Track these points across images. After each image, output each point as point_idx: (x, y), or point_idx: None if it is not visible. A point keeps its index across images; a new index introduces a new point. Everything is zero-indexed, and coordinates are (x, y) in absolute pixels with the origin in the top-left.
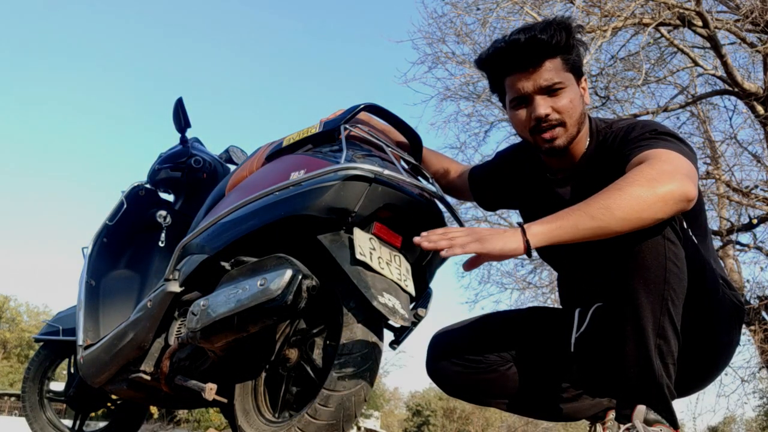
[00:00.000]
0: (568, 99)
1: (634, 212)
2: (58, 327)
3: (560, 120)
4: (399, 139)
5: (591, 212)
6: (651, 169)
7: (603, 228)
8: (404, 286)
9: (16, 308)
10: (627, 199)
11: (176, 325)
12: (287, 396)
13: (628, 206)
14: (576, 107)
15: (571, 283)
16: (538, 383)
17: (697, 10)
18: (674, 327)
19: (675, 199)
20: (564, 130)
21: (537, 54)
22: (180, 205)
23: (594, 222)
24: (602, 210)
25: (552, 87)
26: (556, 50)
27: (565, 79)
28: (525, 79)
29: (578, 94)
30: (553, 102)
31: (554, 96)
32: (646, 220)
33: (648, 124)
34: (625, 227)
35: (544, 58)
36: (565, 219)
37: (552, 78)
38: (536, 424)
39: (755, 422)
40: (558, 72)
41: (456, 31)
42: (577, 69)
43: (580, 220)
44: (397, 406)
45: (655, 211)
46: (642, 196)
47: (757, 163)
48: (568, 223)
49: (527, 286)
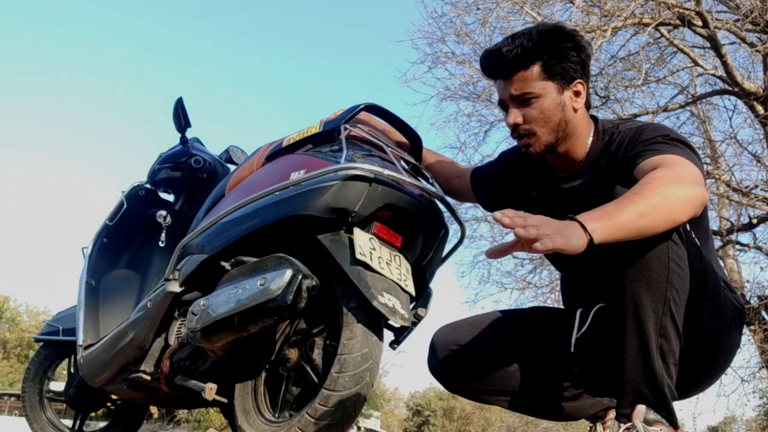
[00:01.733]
0: (538, 110)
1: (673, 213)
2: (58, 327)
3: (529, 130)
4: (399, 139)
5: (640, 211)
6: (675, 173)
7: (650, 228)
8: (404, 286)
9: (16, 308)
10: (668, 199)
11: (176, 325)
12: (287, 396)
13: (670, 208)
14: (549, 116)
15: (574, 283)
16: (539, 382)
17: (697, 10)
18: (676, 327)
19: (698, 204)
20: (535, 138)
21: (508, 65)
22: (180, 205)
23: (644, 221)
24: (650, 210)
25: (522, 97)
26: (527, 60)
27: (540, 89)
28: (503, 87)
29: (557, 101)
30: (525, 111)
31: (527, 105)
32: (678, 221)
33: (658, 127)
34: (666, 227)
35: (517, 68)
36: (616, 218)
37: (522, 88)
38: (536, 424)
39: (755, 422)
40: (531, 82)
41: (456, 31)
42: (565, 75)
43: (631, 219)
44: (397, 406)
45: (685, 213)
46: (679, 197)
47: (757, 162)
48: (620, 222)
49: (527, 286)
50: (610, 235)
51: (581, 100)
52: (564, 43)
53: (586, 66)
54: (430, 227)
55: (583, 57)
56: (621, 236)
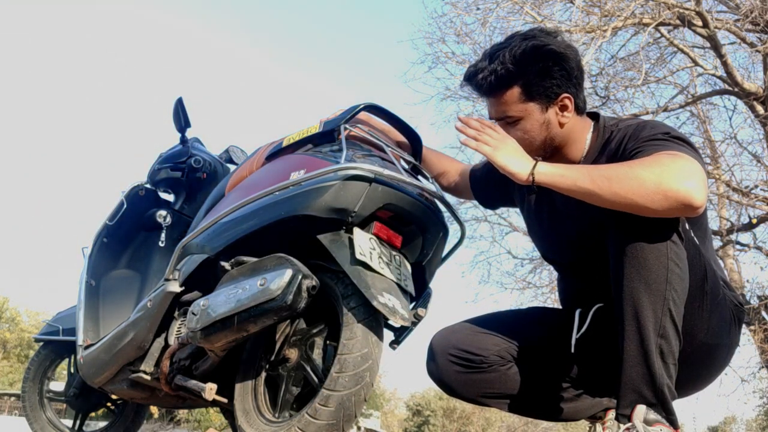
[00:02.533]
0: (522, 131)
1: (629, 192)
2: (58, 327)
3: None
4: (399, 139)
5: (593, 176)
6: (672, 162)
7: (595, 195)
8: (404, 285)
9: (16, 308)
10: (631, 178)
11: (176, 325)
12: (287, 396)
13: (627, 186)
14: (534, 136)
15: (572, 283)
16: (538, 383)
17: (697, 10)
18: (675, 327)
19: (678, 200)
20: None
21: (487, 89)
22: (180, 205)
23: (591, 185)
24: (603, 178)
25: (504, 120)
26: (503, 85)
27: (521, 111)
28: (488, 105)
29: (540, 121)
30: (510, 131)
31: (511, 125)
32: (639, 206)
33: (659, 125)
34: (615, 203)
35: (497, 92)
36: (570, 171)
37: (503, 111)
38: (536, 424)
39: (755, 422)
40: (511, 105)
41: (456, 30)
42: (547, 94)
43: (580, 178)
44: (397, 406)
45: (651, 201)
46: (645, 181)
47: (757, 162)
48: (570, 175)
49: (527, 286)
50: (555, 183)
51: (569, 113)
52: (542, 63)
53: (574, 76)
54: (430, 227)
55: (569, 68)
56: (565, 189)
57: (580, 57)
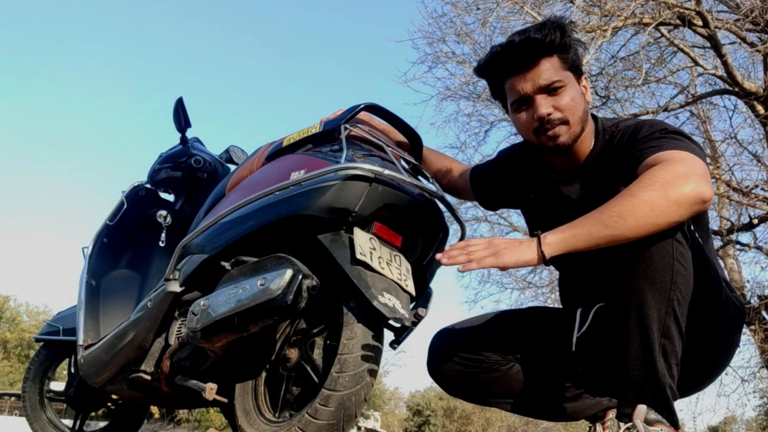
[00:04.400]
0: (569, 97)
1: (648, 218)
2: (58, 327)
3: (562, 118)
4: (399, 139)
5: (605, 221)
6: (665, 172)
7: (617, 236)
8: (404, 286)
9: (16, 308)
10: (640, 205)
11: (177, 325)
12: (287, 396)
13: (642, 213)
14: (578, 105)
15: (573, 283)
16: (539, 383)
17: (697, 10)
18: (679, 327)
19: (690, 202)
20: (567, 128)
21: (533, 54)
22: (180, 205)
23: (608, 230)
24: (615, 218)
25: (551, 86)
26: (552, 49)
27: (565, 78)
28: (524, 80)
29: (579, 92)
30: (554, 101)
31: (554, 95)
32: (661, 225)
33: (656, 123)
34: (640, 234)
35: (541, 57)
36: (580, 228)
37: (551, 77)
38: (536, 424)
39: (755, 422)
40: (556, 71)
41: (456, 30)
42: (576, 67)
43: (593, 229)
44: (397, 406)
45: (669, 214)
46: (655, 201)
47: (757, 162)
48: (582, 233)
49: (527, 285)
50: (570, 247)
51: (588, 95)
52: (571, 38)
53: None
54: (430, 227)
55: (582, 52)
56: (583, 246)
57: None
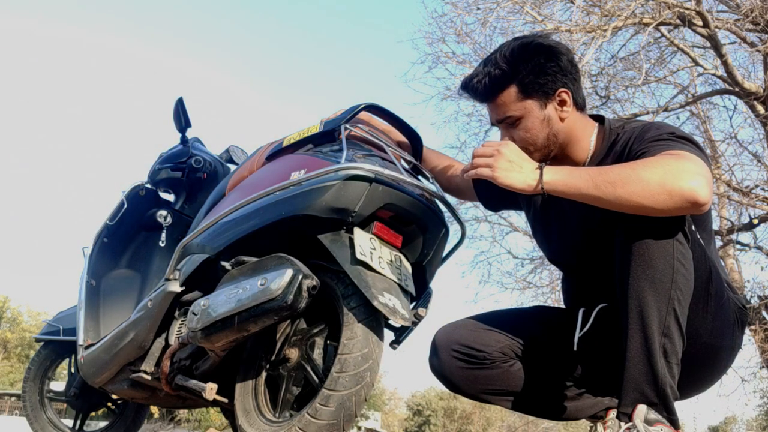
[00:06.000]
0: (524, 130)
1: (635, 195)
2: (58, 327)
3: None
4: (399, 139)
5: (597, 181)
6: (674, 162)
7: (601, 200)
8: (405, 285)
9: (17, 308)
10: (635, 180)
11: (177, 325)
12: (288, 396)
13: (632, 188)
14: (536, 134)
15: (576, 283)
16: (541, 381)
17: (698, 10)
18: (679, 327)
19: (683, 198)
20: (530, 153)
21: (485, 92)
22: (180, 205)
23: (595, 191)
24: (606, 183)
25: (506, 121)
26: (501, 83)
27: (520, 109)
28: (489, 110)
29: (540, 118)
30: (512, 132)
31: (513, 126)
32: (645, 207)
33: (664, 126)
34: (623, 207)
35: (492, 95)
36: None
37: (504, 112)
38: (537, 424)
39: (755, 422)
40: (509, 105)
41: (456, 30)
42: (544, 89)
43: (584, 185)
44: (397, 406)
45: (656, 201)
46: (650, 182)
47: (758, 162)
48: (573, 184)
49: (527, 286)
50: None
51: (569, 108)
52: (536, 58)
53: (568, 71)
54: (431, 227)
55: (563, 64)
56: (568, 195)
57: (572, 54)
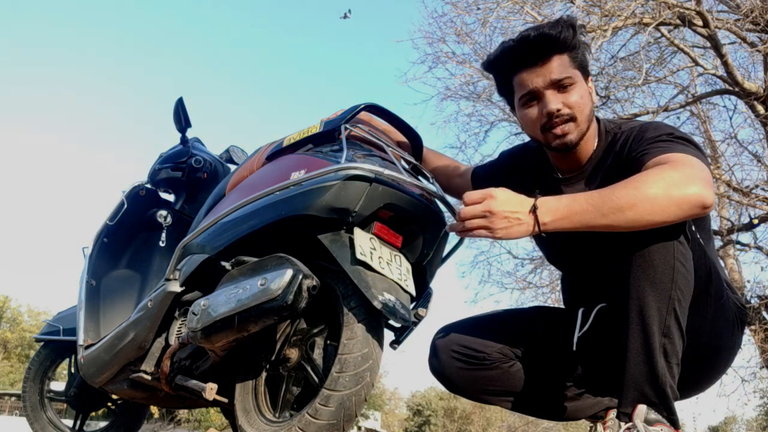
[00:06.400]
0: (578, 94)
1: (646, 215)
2: (58, 327)
3: (571, 115)
4: (399, 139)
5: (604, 210)
6: (672, 171)
7: (612, 227)
8: (405, 286)
9: (17, 308)
10: (642, 201)
11: (177, 325)
12: (288, 396)
13: (641, 209)
14: (586, 103)
15: (575, 283)
16: (540, 382)
17: (698, 10)
18: (680, 327)
19: (691, 204)
20: (575, 125)
21: (546, 49)
22: (180, 205)
23: (605, 220)
24: (615, 210)
25: (562, 81)
26: (564, 46)
27: (574, 75)
28: (535, 74)
29: (587, 91)
30: (564, 97)
31: (564, 92)
32: (657, 222)
33: (662, 126)
34: (635, 227)
35: (553, 53)
36: (579, 215)
37: (562, 72)
38: (537, 424)
39: (756, 422)
40: (567, 68)
41: (456, 30)
42: (584, 68)
43: (590, 217)
44: (397, 406)
45: (668, 214)
46: (657, 199)
47: (758, 162)
48: (577, 219)
49: (527, 286)
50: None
51: (594, 96)
52: (581, 38)
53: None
54: (431, 227)
55: (588, 54)
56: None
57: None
